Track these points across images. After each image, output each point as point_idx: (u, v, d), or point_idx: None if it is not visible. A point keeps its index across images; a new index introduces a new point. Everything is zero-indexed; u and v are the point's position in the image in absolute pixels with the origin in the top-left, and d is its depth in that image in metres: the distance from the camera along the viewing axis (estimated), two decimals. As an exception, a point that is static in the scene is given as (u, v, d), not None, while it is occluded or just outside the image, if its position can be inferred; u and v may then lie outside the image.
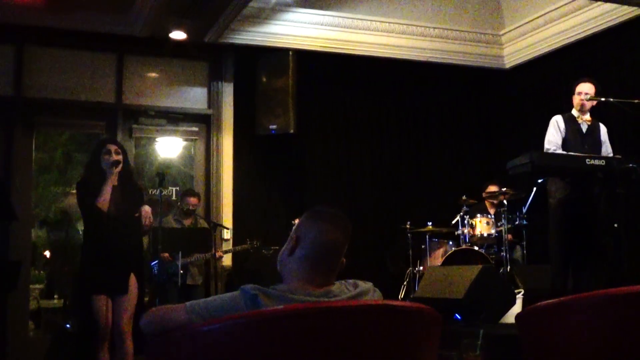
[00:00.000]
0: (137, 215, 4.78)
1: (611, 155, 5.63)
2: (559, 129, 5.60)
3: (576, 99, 5.66)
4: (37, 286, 9.24)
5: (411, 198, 8.20)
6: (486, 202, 7.70)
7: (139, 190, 5.05)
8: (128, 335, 4.84)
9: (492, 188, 7.44)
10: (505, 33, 8.57)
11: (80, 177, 5.10)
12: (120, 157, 4.78)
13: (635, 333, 2.16)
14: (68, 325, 6.36)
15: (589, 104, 5.63)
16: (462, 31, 8.47)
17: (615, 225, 5.11)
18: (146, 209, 4.84)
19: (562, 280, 5.39)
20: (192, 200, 6.99)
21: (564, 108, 5.77)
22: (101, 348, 4.73)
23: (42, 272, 10.46)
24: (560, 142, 5.58)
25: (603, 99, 5.55)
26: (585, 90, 5.62)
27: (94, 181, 4.74)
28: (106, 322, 4.70)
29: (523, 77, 8.55)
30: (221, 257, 6.95)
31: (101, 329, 4.70)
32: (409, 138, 8.48)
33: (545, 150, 5.59)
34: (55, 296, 9.41)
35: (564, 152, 5.48)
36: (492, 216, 7.31)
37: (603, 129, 5.74)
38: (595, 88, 5.62)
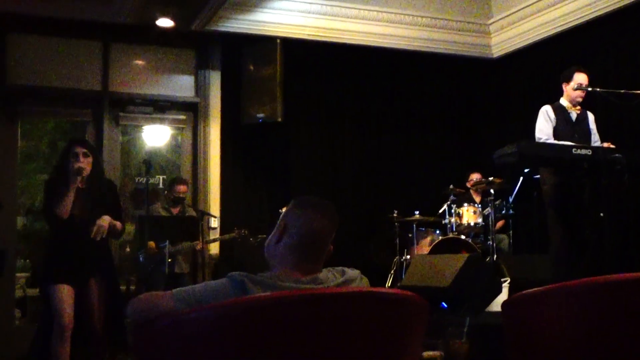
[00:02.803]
0: (92, 227, 4.50)
1: (599, 143, 5.65)
2: (550, 119, 5.59)
3: (573, 92, 5.59)
4: (23, 274, 9.19)
5: (398, 187, 8.21)
6: (472, 191, 7.72)
7: (111, 192, 4.79)
8: (98, 334, 4.62)
9: (475, 176, 7.46)
10: (493, 22, 8.57)
11: (49, 177, 4.87)
12: (87, 161, 4.53)
13: (620, 321, 2.17)
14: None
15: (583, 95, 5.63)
16: (450, 20, 8.46)
17: (602, 214, 5.13)
18: (100, 222, 4.53)
19: (565, 266, 5.31)
20: (182, 187, 6.94)
21: (552, 97, 5.77)
22: (61, 344, 4.38)
23: (27, 260, 10.40)
24: (551, 131, 5.57)
25: (590, 89, 5.57)
26: (582, 81, 5.56)
27: (59, 184, 4.52)
28: (69, 314, 4.41)
29: (510, 66, 8.55)
30: (202, 249, 6.85)
31: (64, 320, 4.37)
32: (396, 127, 8.48)
33: (537, 139, 5.58)
34: (42, 285, 9.35)
35: (551, 142, 5.48)
36: (479, 205, 7.33)
37: (591, 117, 5.75)
38: (588, 77, 5.63)
